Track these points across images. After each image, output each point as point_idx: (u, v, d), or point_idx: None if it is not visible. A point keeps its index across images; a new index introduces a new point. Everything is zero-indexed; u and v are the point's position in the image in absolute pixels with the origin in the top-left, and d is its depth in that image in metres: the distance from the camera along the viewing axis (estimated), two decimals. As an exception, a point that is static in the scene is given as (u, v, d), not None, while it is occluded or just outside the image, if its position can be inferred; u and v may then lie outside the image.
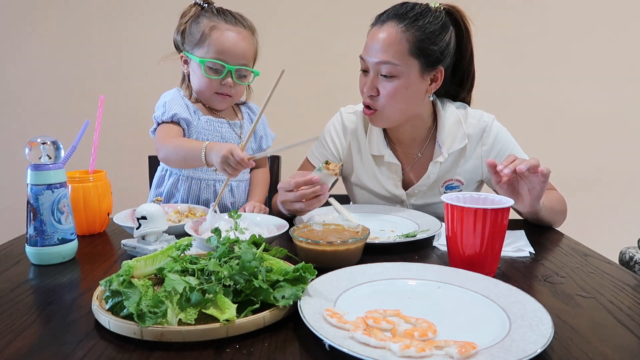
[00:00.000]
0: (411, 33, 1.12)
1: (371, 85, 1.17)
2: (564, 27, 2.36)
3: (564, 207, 1.21)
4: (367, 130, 1.31)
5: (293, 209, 1.07)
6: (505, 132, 1.27)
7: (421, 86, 1.18)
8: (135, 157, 2.20)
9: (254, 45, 1.31)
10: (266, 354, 0.58)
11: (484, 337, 0.59)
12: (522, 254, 0.95)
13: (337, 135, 1.34)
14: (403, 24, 1.12)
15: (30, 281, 0.82)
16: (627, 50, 2.37)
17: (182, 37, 1.29)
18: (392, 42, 1.12)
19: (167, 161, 1.28)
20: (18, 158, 2.30)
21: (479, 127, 1.25)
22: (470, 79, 1.29)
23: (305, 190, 1.03)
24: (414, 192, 1.30)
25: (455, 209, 0.83)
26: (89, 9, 2.35)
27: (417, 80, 1.16)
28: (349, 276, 0.77)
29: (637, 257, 1.33)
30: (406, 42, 1.12)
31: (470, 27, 1.21)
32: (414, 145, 1.30)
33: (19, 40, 2.38)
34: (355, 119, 1.33)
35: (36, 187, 0.88)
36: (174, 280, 0.64)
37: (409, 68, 1.13)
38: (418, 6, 1.15)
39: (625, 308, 0.71)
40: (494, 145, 1.25)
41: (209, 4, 1.29)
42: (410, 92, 1.16)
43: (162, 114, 1.27)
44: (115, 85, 2.40)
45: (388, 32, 1.13)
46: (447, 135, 1.25)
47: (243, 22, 1.29)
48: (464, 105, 1.31)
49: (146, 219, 0.90)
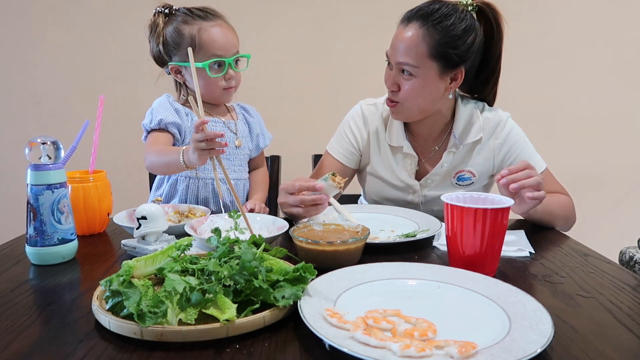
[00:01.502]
0: (432, 36, 1.13)
1: (393, 81, 1.20)
2: (568, 29, 2.36)
3: (567, 212, 1.21)
4: (387, 122, 1.33)
5: (290, 212, 1.07)
6: (518, 130, 1.30)
7: (440, 85, 1.19)
8: (135, 157, 2.20)
9: (233, 29, 1.32)
10: (266, 354, 0.58)
11: (484, 337, 0.59)
12: (522, 254, 0.95)
13: (357, 127, 1.36)
14: (426, 26, 1.13)
15: (30, 281, 0.82)
16: (627, 51, 2.37)
17: (165, 49, 1.29)
18: (413, 45, 1.14)
19: (152, 169, 1.32)
20: (18, 158, 2.30)
21: (494, 121, 1.28)
22: (494, 78, 1.30)
23: (305, 197, 1.03)
24: (426, 183, 1.32)
25: (455, 209, 0.83)
26: (89, 9, 2.35)
27: (435, 80, 1.18)
28: (349, 276, 0.77)
29: (637, 257, 1.33)
30: (426, 46, 1.14)
31: (503, 26, 1.21)
32: (432, 139, 1.33)
33: (19, 40, 2.38)
34: (374, 111, 1.35)
35: (36, 187, 0.88)
36: (174, 280, 0.64)
37: (426, 70, 1.16)
38: (445, 6, 1.15)
39: (625, 308, 0.71)
40: (506, 140, 1.27)
41: (170, 9, 1.29)
42: (428, 90, 1.19)
43: (149, 121, 1.29)
44: (115, 85, 2.40)
45: (410, 33, 1.15)
46: (463, 127, 1.28)
47: (215, 13, 1.30)
48: (482, 103, 1.33)
49: (146, 219, 0.90)
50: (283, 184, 1.08)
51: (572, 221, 1.23)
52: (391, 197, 1.35)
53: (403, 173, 1.33)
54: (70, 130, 1.16)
